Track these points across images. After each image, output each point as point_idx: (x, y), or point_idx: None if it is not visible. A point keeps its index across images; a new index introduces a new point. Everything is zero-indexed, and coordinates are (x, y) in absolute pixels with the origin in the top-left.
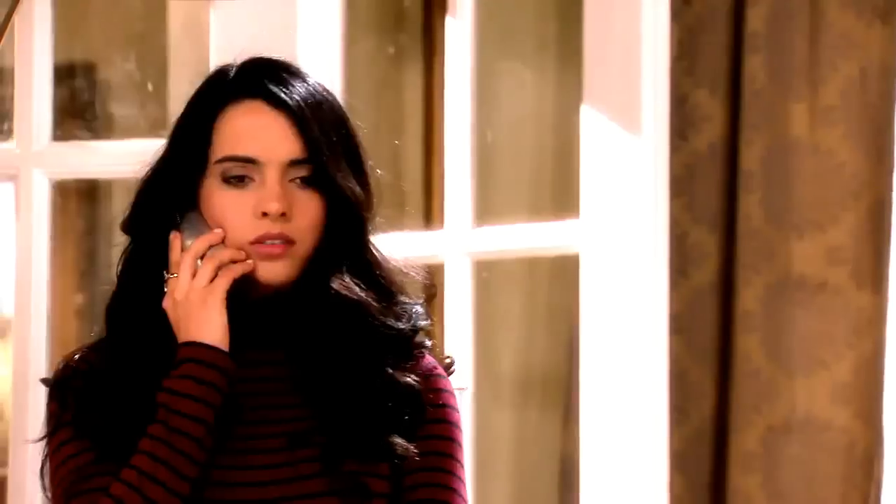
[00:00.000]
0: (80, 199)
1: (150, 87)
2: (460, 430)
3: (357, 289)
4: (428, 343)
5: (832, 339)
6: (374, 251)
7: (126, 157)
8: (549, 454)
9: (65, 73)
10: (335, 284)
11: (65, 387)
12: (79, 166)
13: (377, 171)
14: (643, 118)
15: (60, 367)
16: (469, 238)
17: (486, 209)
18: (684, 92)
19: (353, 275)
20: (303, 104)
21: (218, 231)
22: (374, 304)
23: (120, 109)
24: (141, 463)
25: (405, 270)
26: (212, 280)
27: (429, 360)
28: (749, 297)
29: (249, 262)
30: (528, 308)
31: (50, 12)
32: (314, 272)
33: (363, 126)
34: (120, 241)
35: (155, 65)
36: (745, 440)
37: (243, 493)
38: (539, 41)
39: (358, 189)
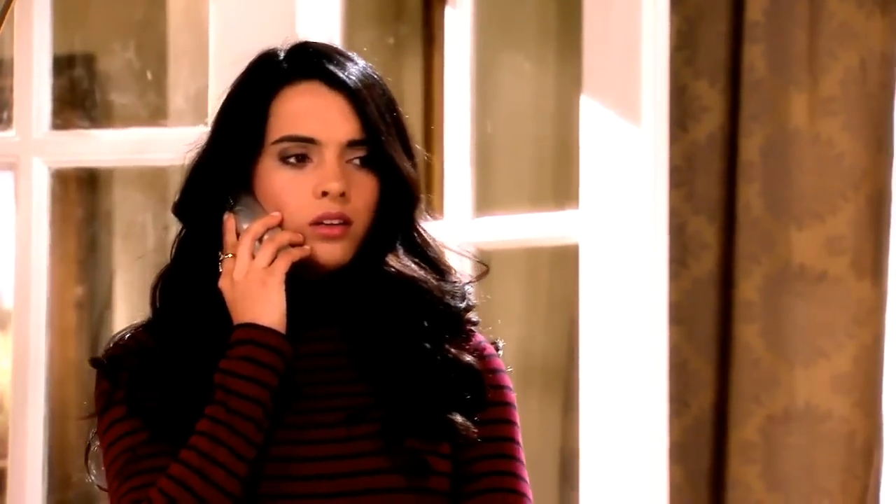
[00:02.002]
0: (79, 187)
1: (149, 75)
2: (517, 411)
3: (415, 266)
4: (477, 320)
5: (832, 329)
6: (422, 231)
7: (125, 146)
8: (548, 444)
9: (64, 63)
10: (393, 263)
11: (117, 365)
12: (78, 155)
13: (424, 153)
14: (643, 108)
15: (111, 345)
16: (469, 228)
17: (486, 199)
18: (684, 82)
19: (407, 254)
20: (360, 85)
21: (276, 214)
22: (433, 281)
23: (119, 98)
24: (200, 444)
25: (453, 251)
26: (271, 262)
27: (478, 337)
28: (749, 288)
29: (307, 247)
30: (528, 298)
31: (49, 1)
32: (370, 252)
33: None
34: (173, 224)
35: (154, 54)
36: (745, 430)
37: (300, 469)
38: (539, 31)
39: (412, 169)
